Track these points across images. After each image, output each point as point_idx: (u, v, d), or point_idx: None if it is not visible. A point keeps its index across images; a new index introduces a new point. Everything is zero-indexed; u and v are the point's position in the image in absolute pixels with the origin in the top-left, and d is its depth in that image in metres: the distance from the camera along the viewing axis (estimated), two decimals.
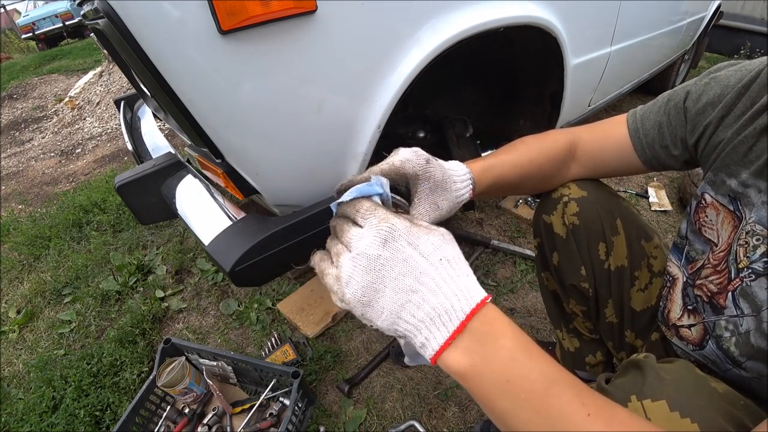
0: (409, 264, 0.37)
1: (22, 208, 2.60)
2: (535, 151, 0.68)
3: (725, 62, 0.60)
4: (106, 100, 4.07)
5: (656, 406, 0.44)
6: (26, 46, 10.55)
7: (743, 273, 0.54)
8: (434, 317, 0.36)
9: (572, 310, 0.85)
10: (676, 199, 1.87)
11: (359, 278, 0.38)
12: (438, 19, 0.84)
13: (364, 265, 0.38)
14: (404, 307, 0.37)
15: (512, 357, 0.36)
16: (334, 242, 0.42)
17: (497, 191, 0.65)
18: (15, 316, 1.64)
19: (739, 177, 0.53)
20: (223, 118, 0.71)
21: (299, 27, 0.67)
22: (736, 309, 0.55)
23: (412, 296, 0.37)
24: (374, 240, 0.38)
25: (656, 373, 0.47)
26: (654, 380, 0.46)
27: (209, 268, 1.66)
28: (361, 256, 0.38)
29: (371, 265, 0.37)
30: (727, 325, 0.56)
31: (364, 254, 0.38)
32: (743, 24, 3.82)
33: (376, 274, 0.37)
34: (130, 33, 0.61)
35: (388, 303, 0.37)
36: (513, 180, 0.66)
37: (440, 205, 0.53)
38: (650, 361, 0.50)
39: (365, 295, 0.38)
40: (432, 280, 0.37)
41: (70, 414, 1.16)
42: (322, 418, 1.10)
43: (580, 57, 1.31)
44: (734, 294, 0.55)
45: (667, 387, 0.45)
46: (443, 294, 0.36)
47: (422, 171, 0.51)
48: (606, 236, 0.72)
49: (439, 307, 0.36)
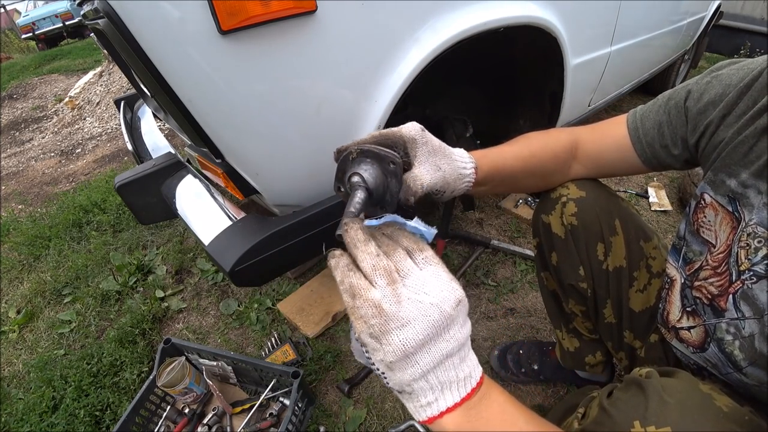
0: (462, 330, 0.38)
1: (22, 208, 2.60)
2: (537, 146, 0.69)
3: (726, 60, 0.60)
4: (106, 100, 4.07)
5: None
6: (26, 46, 10.55)
7: (744, 275, 0.54)
8: (452, 382, 0.37)
9: (572, 310, 0.85)
10: (676, 199, 1.87)
11: (422, 328, 0.35)
12: (438, 19, 0.84)
13: (434, 317, 0.35)
14: (438, 367, 0.36)
15: (497, 421, 0.38)
16: (377, 259, 0.37)
17: (500, 182, 0.65)
18: (15, 316, 1.64)
19: (739, 177, 0.53)
20: (223, 118, 0.71)
21: (299, 27, 0.67)
22: (737, 312, 0.55)
23: (447, 360, 0.37)
24: (450, 297, 0.36)
25: (659, 396, 0.46)
26: (657, 404, 0.45)
27: (209, 268, 1.66)
28: (433, 308, 0.35)
29: (440, 321, 0.35)
30: (729, 328, 0.56)
31: (438, 307, 0.35)
32: (743, 24, 3.82)
33: (436, 331, 0.35)
34: (130, 33, 0.61)
35: (426, 360, 0.36)
36: (514, 171, 0.66)
37: (441, 167, 0.53)
38: (653, 381, 0.48)
39: (415, 346, 0.35)
40: (466, 347, 0.39)
41: (70, 414, 1.16)
42: (322, 418, 1.10)
43: (580, 57, 1.31)
44: (735, 297, 0.55)
45: (672, 412, 0.44)
46: (467, 362, 0.39)
47: (419, 136, 0.52)
48: (604, 236, 0.72)
49: (461, 374, 0.38)
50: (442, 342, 0.36)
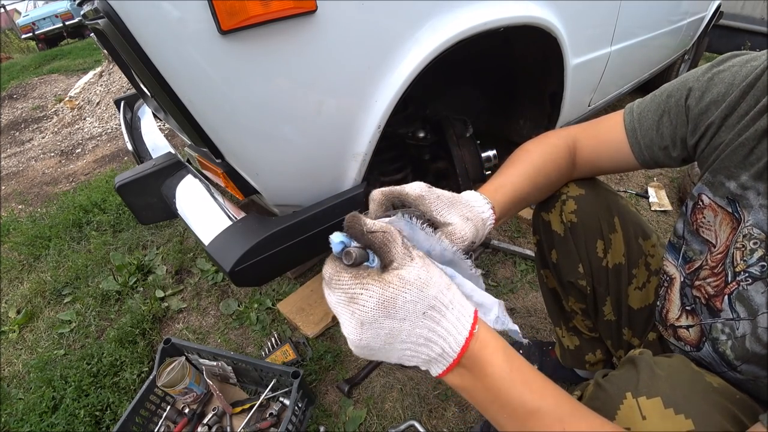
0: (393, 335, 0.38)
1: (22, 208, 2.60)
2: (540, 160, 0.67)
3: (728, 53, 0.58)
4: (106, 100, 4.08)
5: (651, 403, 0.44)
6: (26, 46, 10.55)
7: (740, 276, 0.53)
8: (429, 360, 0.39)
9: (571, 307, 0.85)
10: (676, 199, 1.87)
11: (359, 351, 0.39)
12: (438, 19, 0.84)
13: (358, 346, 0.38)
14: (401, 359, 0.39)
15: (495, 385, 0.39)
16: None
17: (514, 208, 0.63)
18: (15, 316, 1.65)
19: (739, 179, 0.52)
20: (223, 118, 0.71)
21: (299, 27, 0.67)
22: (732, 312, 0.55)
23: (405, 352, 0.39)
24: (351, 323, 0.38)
25: (650, 369, 0.47)
26: (648, 377, 0.47)
27: (209, 268, 1.66)
28: (349, 339, 0.38)
29: (362, 346, 0.38)
30: (724, 328, 0.56)
31: (351, 338, 0.38)
32: (743, 24, 3.82)
33: (369, 352, 0.38)
34: (130, 33, 0.61)
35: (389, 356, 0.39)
36: (525, 194, 0.64)
37: (468, 217, 0.51)
38: (645, 356, 0.50)
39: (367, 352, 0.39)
40: (421, 337, 0.38)
41: (70, 414, 1.17)
42: (322, 418, 1.10)
43: (580, 57, 1.31)
44: (730, 297, 0.55)
45: (662, 383, 0.45)
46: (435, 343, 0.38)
47: (426, 192, 0.49)
48: (604, 234, 0.72)
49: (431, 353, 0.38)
50: (383, 353, 0.38)
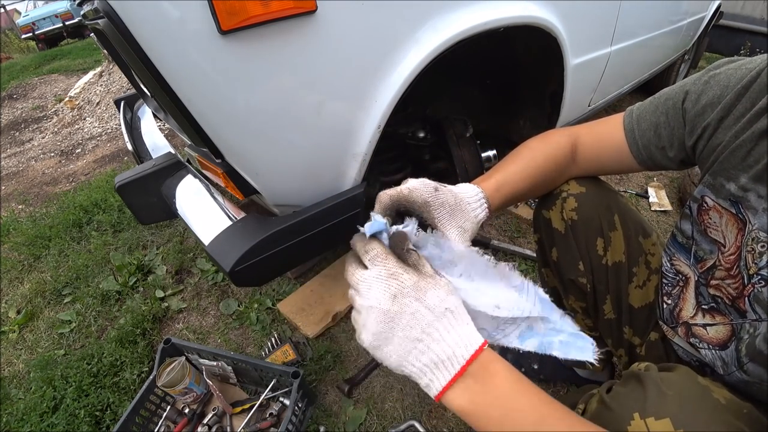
0: (416, 317, 0.42)
1: (22, 208, 2.60)
2: (542, 158, 0.68)
3: (725, 59, 0.59)
4: (106, 100, 4.07)
5: (661, 424, 0.43)
6: (26, 46, 10.55)
7: (754, 279, 0.54)
8: (438, 363, 0.41)
9: (572, 306, 0.85)
10: (676, 199, 1.87)
11: (372, 327, 0.43)
12: (438, 19, 0.84)
13: (375, 316, 0.42)
14: (410, 353, 0.42)
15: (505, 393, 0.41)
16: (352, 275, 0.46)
17: (508, 205, 0.66)
18: (15, 316, 1.64)
19: (738, 181, 0.52)
20: (223, 118, 0.71)
21: (299, 27, 0.67)
22: (754, 313, 0.55)
23: (417, 344, 0.42)
24: (384, 295, 0.43)
25: (658, 388, 0.46)
26: (656, 395, 0.46)
27: (209, 268, 1.66)
28: (373, 309, 0.43)
29: (382, 318, 0.42)
30: (749, 329, 0.56)
31: (376, 308, 0.42)
32: (743, 24, 3.82)
33: (386, 326, 0.42)
34: (130, 33, 0.61)
35: (396, 349, 0.42)
36: (525, 191, 0.66)
37: (466, 228, 0.53)
38: (651, 373, 0.49)
39: (376, 341, 0.43)
40: (436, 331, 0.42)
41: (70, 414, 1.17)
42: (322, 418, 1.10)
43: (580, 57, 1.31)
44: (749, 299, 0.55)
45: (671, 403, 0.44)
46: (446, 342, 0.41)
47: (432, 198, 0.51)
48: (604, 232, 0.72)
49: (442, 354, 0.41)
50: (400, 331, 0.42)
